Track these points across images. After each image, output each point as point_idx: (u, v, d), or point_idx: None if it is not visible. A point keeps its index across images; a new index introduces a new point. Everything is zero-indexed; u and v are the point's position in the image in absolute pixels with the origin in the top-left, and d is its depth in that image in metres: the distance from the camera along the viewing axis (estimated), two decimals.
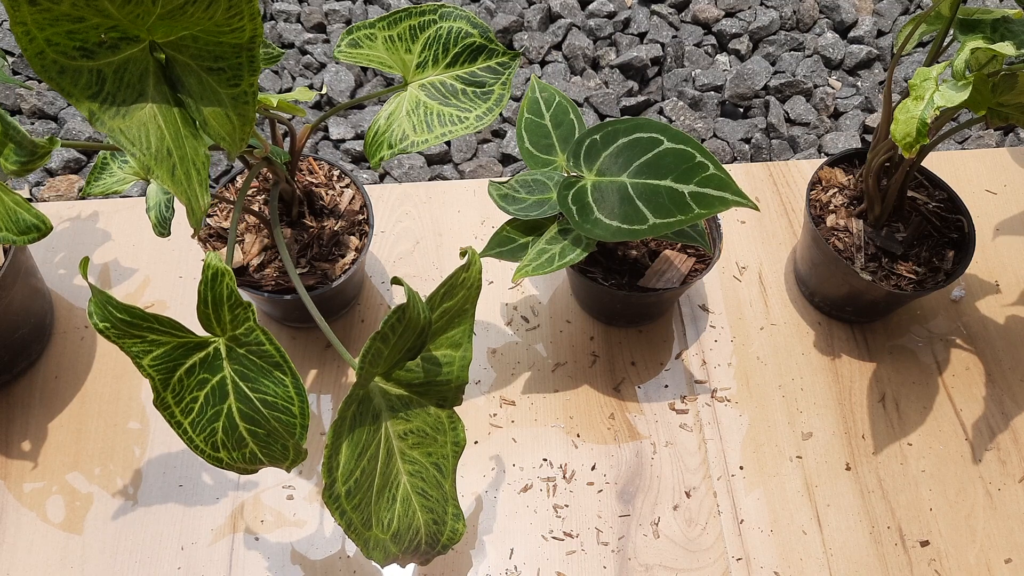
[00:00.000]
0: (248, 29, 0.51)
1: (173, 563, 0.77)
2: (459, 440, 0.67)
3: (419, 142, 0.70)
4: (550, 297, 0.94)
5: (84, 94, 0.49)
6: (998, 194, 1.03)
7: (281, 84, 1.16)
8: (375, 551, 0.62)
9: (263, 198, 0.85)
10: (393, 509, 0.64)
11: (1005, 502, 0.82)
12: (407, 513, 0.64)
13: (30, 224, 0.57)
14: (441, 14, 0.71)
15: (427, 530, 0.66)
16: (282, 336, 0.90)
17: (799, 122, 1.14)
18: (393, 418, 0.63)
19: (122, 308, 0.56)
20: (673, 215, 0.65)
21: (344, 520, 0.59)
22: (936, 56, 0.77)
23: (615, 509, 0.81)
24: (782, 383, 0.88)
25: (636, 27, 1.22)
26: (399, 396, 0.64)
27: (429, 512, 0.66)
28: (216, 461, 0.61)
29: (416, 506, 0.65)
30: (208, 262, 0.55)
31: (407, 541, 0.65)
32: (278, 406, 0.58)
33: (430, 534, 0.66)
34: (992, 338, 0.92)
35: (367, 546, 0.62)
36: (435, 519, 0.66)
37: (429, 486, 0.66)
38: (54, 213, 0.98)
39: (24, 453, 0.82)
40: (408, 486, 0.65)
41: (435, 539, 0.67)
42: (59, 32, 0.46)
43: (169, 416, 0.59)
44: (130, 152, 0.50)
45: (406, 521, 0.64)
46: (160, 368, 0.58)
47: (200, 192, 0.53)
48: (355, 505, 0.60)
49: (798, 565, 0.78)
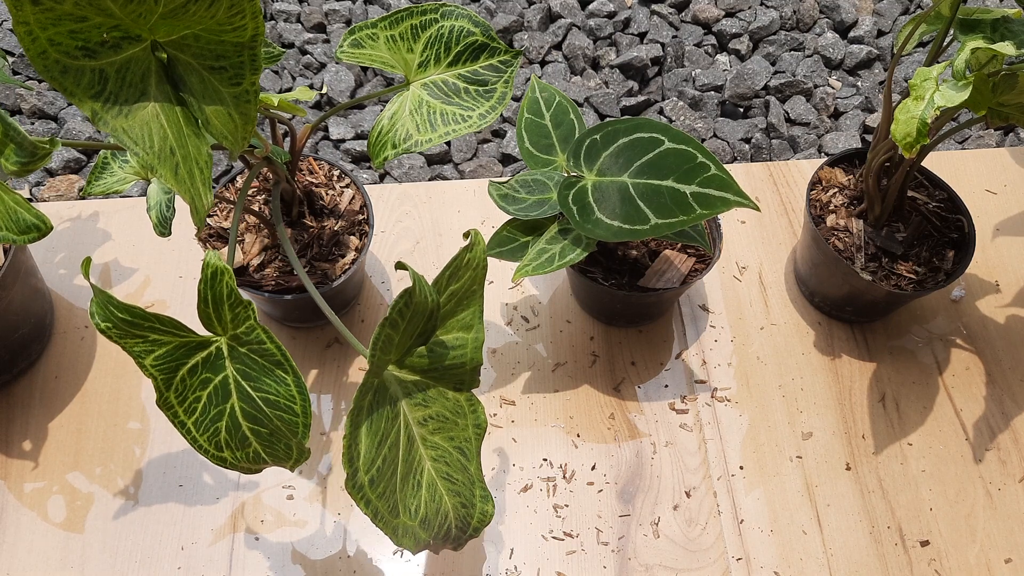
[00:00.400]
0: (250, 28, 0.51)
1: (173, 563, 0.77)
2: (480, 422, 0.66)
3: (423, 141, 0.70)
4: (550, 297, 0.94)
5: (87, 94, 0.49)
6: (998, 194, 1.03)
7: (281, 84, 1.16)
8: (405, 538, 0.62)
9: (263, 198, 0.85)
10: (419, 495, 0.63)
11: (1005, 502, 0.82)
12: (434, 498, 0.64)
13: (30, 224, 0.57)
14: (442, 13, 0.71)
15: (456, 514, 0.65)
16: (282, 336, 0.90)
17: (799, 122, 1.14)
18: (411, 405, 0.63)
19: (124, 308, 0.56)
20: (675, 215, 0.65)
21: (370, 509, 0.59)
22: (936, 56, 0.77)
23: (615, 509, 0.81)
24: (782, 383, 0.88)
25: (636, 27, 1.22)
26: (415, 382, 0.63)
27: (456, 496, 0.65)
28: (220, 461, 0.61)
29: (443, 491, 0.64)
30: (207, 260, 0.55)
31: (436, 526, 0.64)
32: (280, 405, 0.58)
33: (459, 518, 0.66)
34: (992, 338, 0.92)
35: (396, 534, 0.61)
36: (463, 502, 0.66)
37: (454, 470, 0.65)
38: (54, 213, 0.98)
39: (24, 453, 0.82)
40: (432, 471, 0.64)
41: (465, 522, 0.66)
42: (61, 32, 0.46)
43: (172, 416, 0.59)
44: (133, 151, 0.50)
45: (433, 506, 0.64)
46: (162, 368, 0.58)
47: (203, 191, 0.53)
48: (380, 493, 0.59)
49: (798, 565, 0.78)
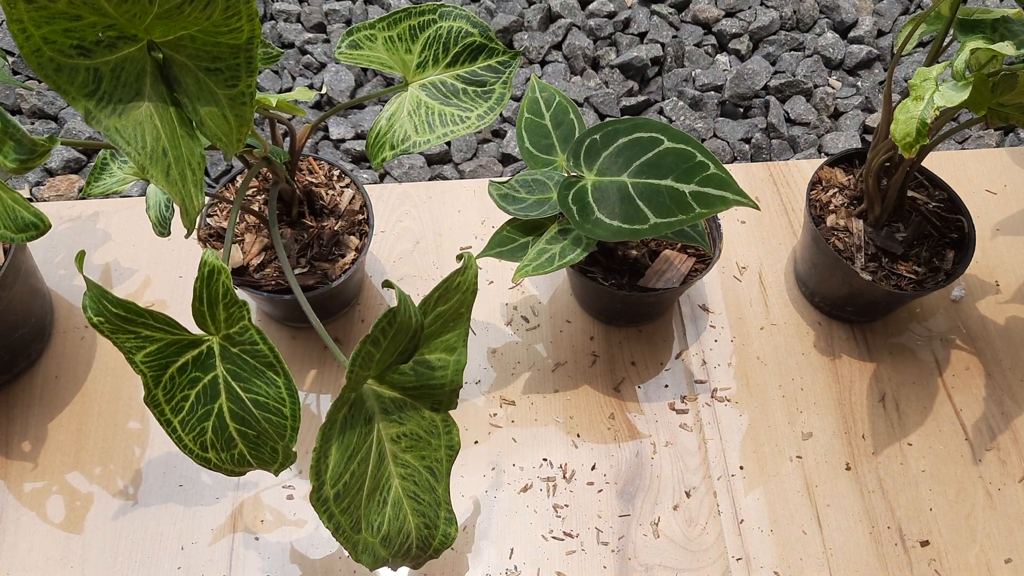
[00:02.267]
0: (246, 30, 0.51)
1: (173, 563, 0.77)
2: (453, 444, 0.67)
3: (421, 142, 0.70)
4: (550, 297, 0.94)
5: (81, 92, 0.49)
6: (998, 194, 1.03)
7: (281, 84, 1.16)
8: (364, 555, 0.62)
9: (263, 198, 0.85)
10: (384, 512, 0.63)
11: (1005, 502, 0.82)
12: (398, 517, 0.64)
13: (28, 222, 0.57)
14: (441, 14, 0.71)
15: (418, 534, 0.66)
16: (282, 336, 0.90)
17: (799, 122, 1.13)
18: (386, 421, 0.63)
19: (117, 303, 0.55)
20: (674, 215, 0.65)
21: (332, 523, 0.59)
22: (936, 56, 0.77)
23: (615, 509, 0.80)
24: (782, 383, 0.88)
25: (636, 27, 1.22)
26: (392, 399, 0.63)
27: (421, 516, 0.65)
28: (204, 461, 0.60)
29: (408, 510, 0.65)
30: (204, 259, 0.55)
31: (397, 545, 0.64)
32: (269, 407, 0.58)
33: (421, 538, 0.66)
34: (992, 338, 0.92)
35: (356, 549, 0.61)
36: (427, 523, 0.66)
37: (421, 490, 0.65)
38: (54, 213, 0.98)
39: (24, 453, 0.82)
40: (400, 489, 0.64)
41: (426, 543, 0.67)
42: (56, 30, 0.46)
43: (159, 414, 0.58)
44: (125, 151, 0.50)
45: (396, 525, 0.64)
46: (152, 365, 0.57)
47: (195, 193, 0.53)
48: (344, 508, 0.59)
49: (798, 565, 0.78)
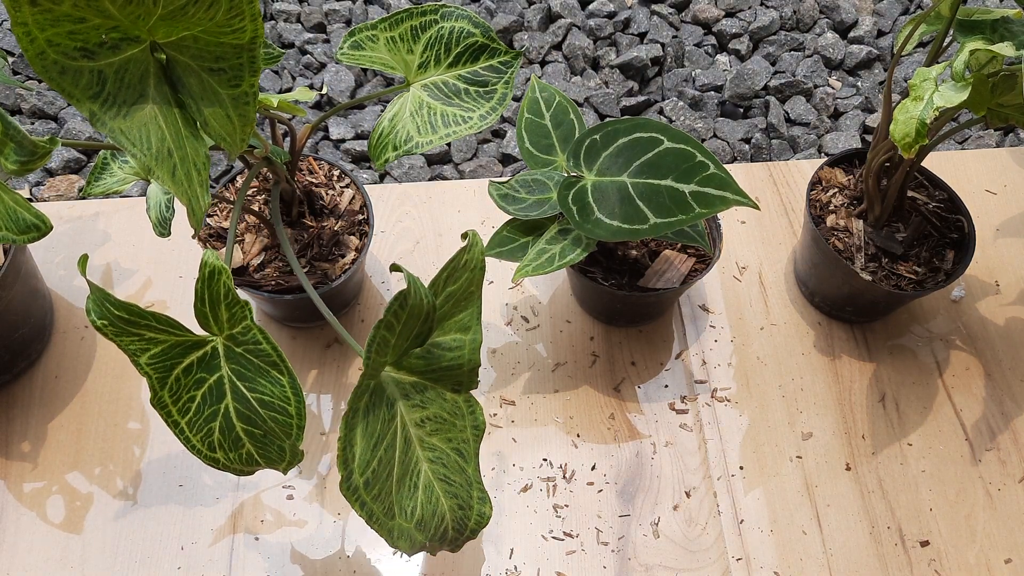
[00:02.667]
0: (249, 30, 0.51)
1: (173, 563, 0.77)
2: (478, 424, 0.66)
3: (424, 143, 0.70)
4: (550, 297, 0.94)
5: (85, 94, 0.49)
6: (998, 194, 1.03)
7: (281, 84, 1.16)
8: (400, 540, 0.61)
9: (263, 198, 0.85)
10: (415, 497, 0.63)
11: (1005, 502, 0.82)
12: (430, 500, 0.64)
13: (30, 223, 0.57)
14: (442, 14, 0.71)
15: (452, 515, 0.65)
16: (282, 336, 0.90)
17: (799, 122, 1.14)
18: (408, 406, 0.63)
19: (120, 305, 0.56)
20: (674, 215, 0.65)
21: (365, 511, 0.58)
22: (936, 56, 0.77)
23: (615, 509, 0.81)
24: (782, 383, 0.88)
25: (636, 27, 1.22)
26: (412, 384, 0.63)
27: (453, 497, 0.65)
28: (213, 462, 0.60)
29: (439, 492, 0.64)
30: (205, 260, 0.55)
31: (433, 528, 0.64)
32: (275, 406, 0.58)
33: (456, 519, 0.66)
34: (992, 338, 0.92)
35: (392, 536, 0.61)
36: (460, 504, 0.65)
37: (451, 471, 0.65)
38: (54, 213, 0.98)
39: (24, 453, 0.82)
40: (429, 473, 0.64)
41: (462, 524, 0.66)
42: (60, 32, 0.46)
43: (166, 415, 0.59)
44: (131, 153, 0.50)
45: (430, 508, 0.63)
46: (157, 367, 0.58)
47: (201, 193, 0.53)
48: (375, 495, 0.59)
49: (798, 565, 0.78)
